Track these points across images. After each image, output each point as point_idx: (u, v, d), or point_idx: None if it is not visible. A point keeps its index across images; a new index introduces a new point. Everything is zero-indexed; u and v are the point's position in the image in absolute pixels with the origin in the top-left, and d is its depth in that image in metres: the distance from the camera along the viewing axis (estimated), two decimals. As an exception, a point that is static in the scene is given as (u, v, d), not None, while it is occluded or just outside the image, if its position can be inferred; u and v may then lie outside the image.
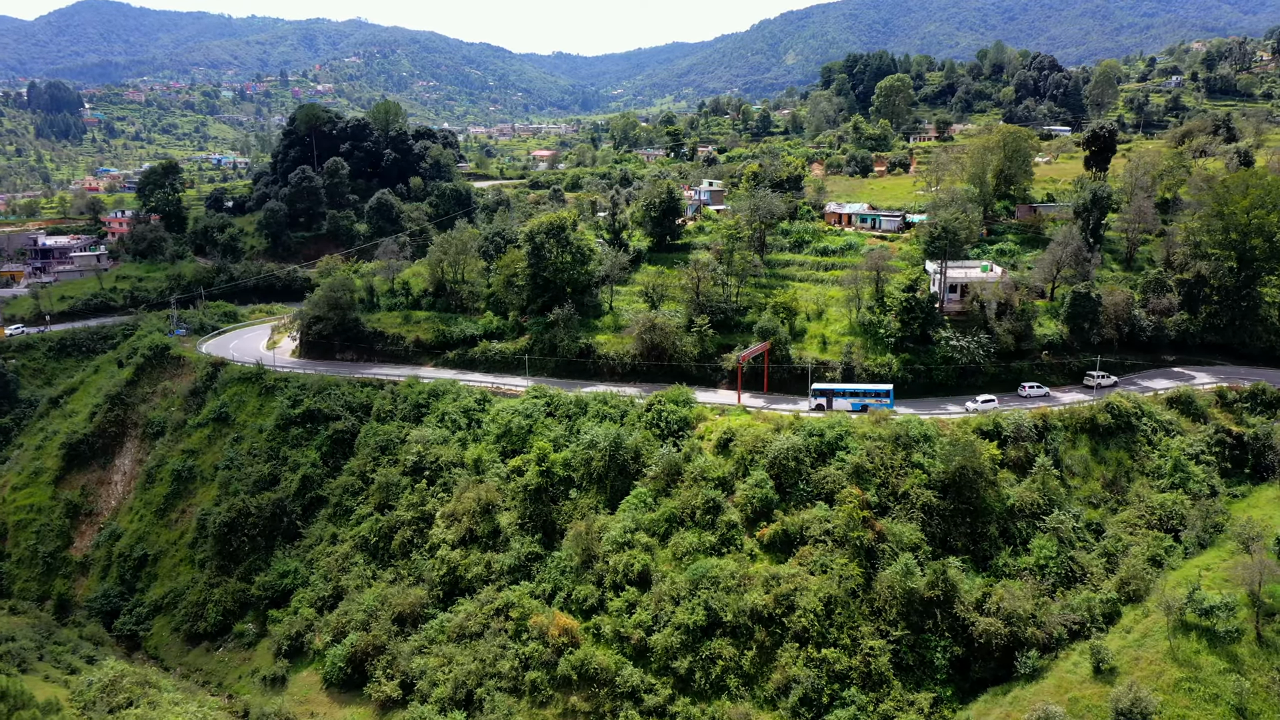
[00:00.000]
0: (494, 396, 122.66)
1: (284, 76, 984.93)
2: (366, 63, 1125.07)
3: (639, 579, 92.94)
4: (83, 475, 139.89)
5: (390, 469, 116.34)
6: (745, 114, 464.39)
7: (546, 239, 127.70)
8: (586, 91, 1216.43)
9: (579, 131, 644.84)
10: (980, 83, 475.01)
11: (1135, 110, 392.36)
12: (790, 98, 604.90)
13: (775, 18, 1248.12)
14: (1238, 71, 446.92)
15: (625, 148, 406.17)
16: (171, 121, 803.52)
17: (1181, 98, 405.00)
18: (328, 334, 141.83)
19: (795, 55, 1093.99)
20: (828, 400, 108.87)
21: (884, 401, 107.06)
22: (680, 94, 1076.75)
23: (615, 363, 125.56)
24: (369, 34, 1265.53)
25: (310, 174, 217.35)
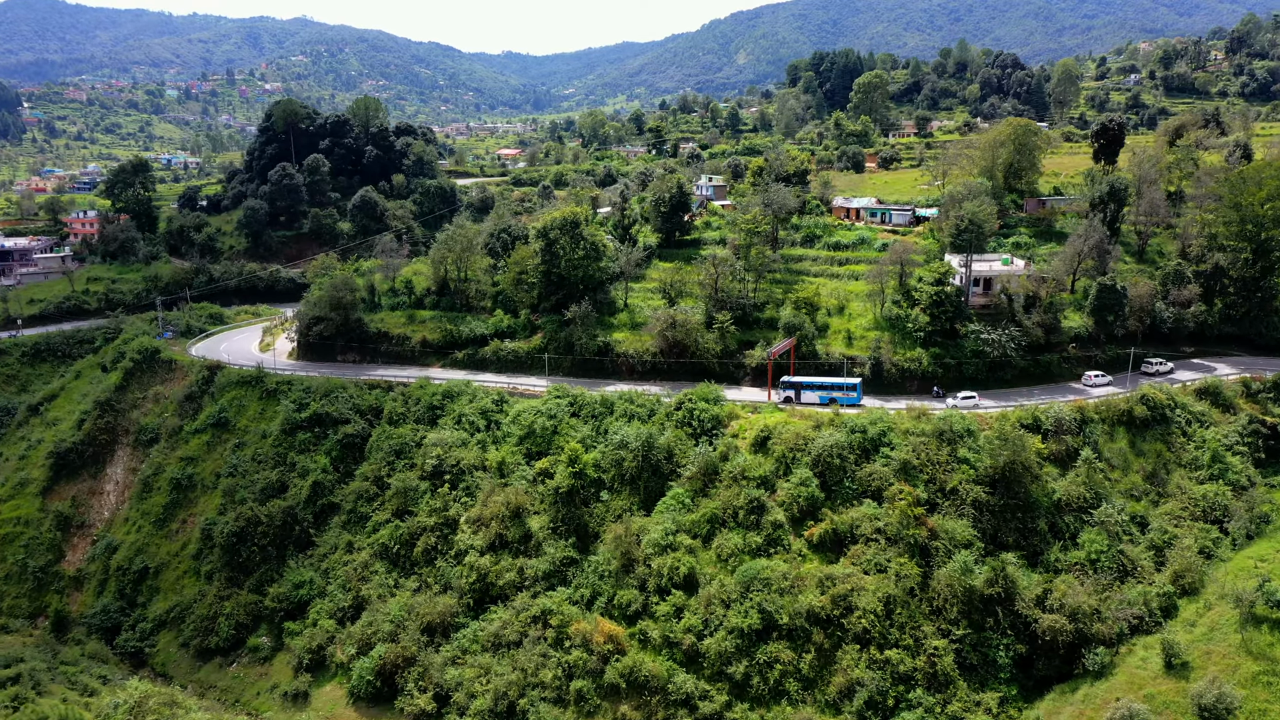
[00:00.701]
0: (511, 397, 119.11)
1: (230, 75, 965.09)
2: (314, 62, 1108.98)
3: (684, 582, 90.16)
4: (72, 485, 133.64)
5: (407, 474, 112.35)
6: (714, 111, 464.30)
7: (561, 235, 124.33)
8: (538, 91, 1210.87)
9: (537, 131, 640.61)
10: (945, 80, 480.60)
11: (1097, 108, 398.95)
12: (752, 96, 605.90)
13: (725, 18, 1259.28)
14: (1193, 70, 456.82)
15: (595, 145, 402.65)
16: (115, 121, 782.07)
17: (1141, 95, 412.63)
18: (329, 335, 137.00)
19: (747, 55, 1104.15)
20: (796, 393, 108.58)
21: (851, 396, 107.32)
22: (632, 93, 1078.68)
23: (635, 361, 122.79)
24: (315, 32, 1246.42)
25: (291, 171, 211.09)
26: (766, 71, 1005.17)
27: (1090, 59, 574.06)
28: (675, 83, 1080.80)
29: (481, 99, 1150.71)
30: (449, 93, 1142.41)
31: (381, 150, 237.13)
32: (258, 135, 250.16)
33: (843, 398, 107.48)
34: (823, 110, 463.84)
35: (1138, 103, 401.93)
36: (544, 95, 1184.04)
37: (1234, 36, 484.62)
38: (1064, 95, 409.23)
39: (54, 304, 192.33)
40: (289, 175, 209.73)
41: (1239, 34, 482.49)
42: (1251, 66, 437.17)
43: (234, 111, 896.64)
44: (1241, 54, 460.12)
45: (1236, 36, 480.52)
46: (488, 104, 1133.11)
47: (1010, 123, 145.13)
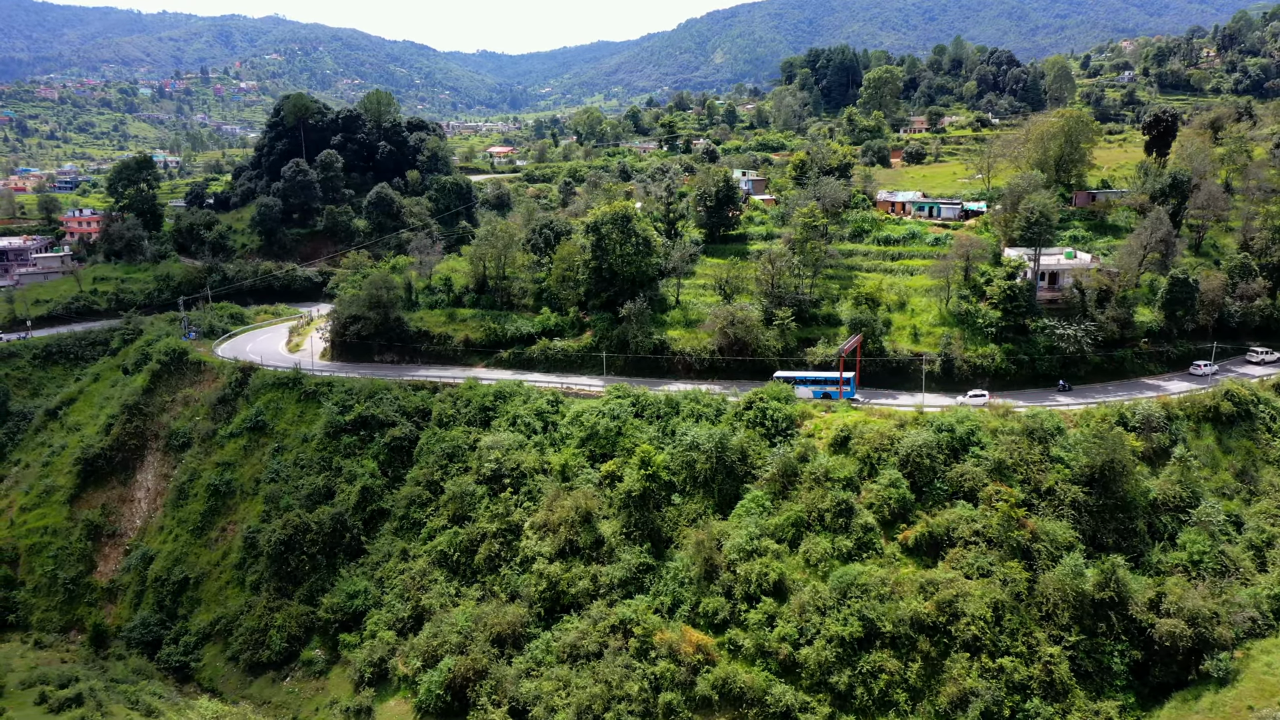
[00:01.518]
0: (566, 398, 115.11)
1: (205, 73, 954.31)
2: (288, 60, 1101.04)
3: (774, 589, 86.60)
4: (101, 493, 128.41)
5: (463, 478, 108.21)
6: (710, 108, 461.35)
7: (612, 229, 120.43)
8: (514, 90, 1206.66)
9: (521, 129, 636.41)
10: (941, 77, 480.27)
11: (1093, 104, 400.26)
12: (740, 94, 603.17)
13: (701, 17, 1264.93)
14: (1186, 67, 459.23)
15: (593, 142, 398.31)
16: (88, 120, 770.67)
17: (1135, 92, 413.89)
18: (367, 335, 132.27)
19: (723, 54, 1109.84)
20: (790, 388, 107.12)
21: (845, 390, 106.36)
22: (610, 92, 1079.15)
23: (692, 359, 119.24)
24: (288, 31, 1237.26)
25: (305, 167, 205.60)
26: (744, 70, 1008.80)
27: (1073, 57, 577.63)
28: (653, 82, 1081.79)
29: (458, 98, 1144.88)
30: (425, 91, 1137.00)
31: (395, 146, 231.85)
32: (266, 130, 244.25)
33: (835, 392, 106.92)
34: (819, 107, 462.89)
35: (1133, 99, 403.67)
36: (520, 94, 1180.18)
37: (1225, 34, 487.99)
38: (1060, 92, 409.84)
39: (62, 304, 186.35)
40: (303, 171, 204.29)
41: (1230, 31, 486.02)
42: (1244, 63, 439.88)
43: (209, 110, 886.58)
44: (1233, 51, 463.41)
45: (1227, 34, 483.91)
46: (464, 103, 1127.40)
47: (1062, 114, 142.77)
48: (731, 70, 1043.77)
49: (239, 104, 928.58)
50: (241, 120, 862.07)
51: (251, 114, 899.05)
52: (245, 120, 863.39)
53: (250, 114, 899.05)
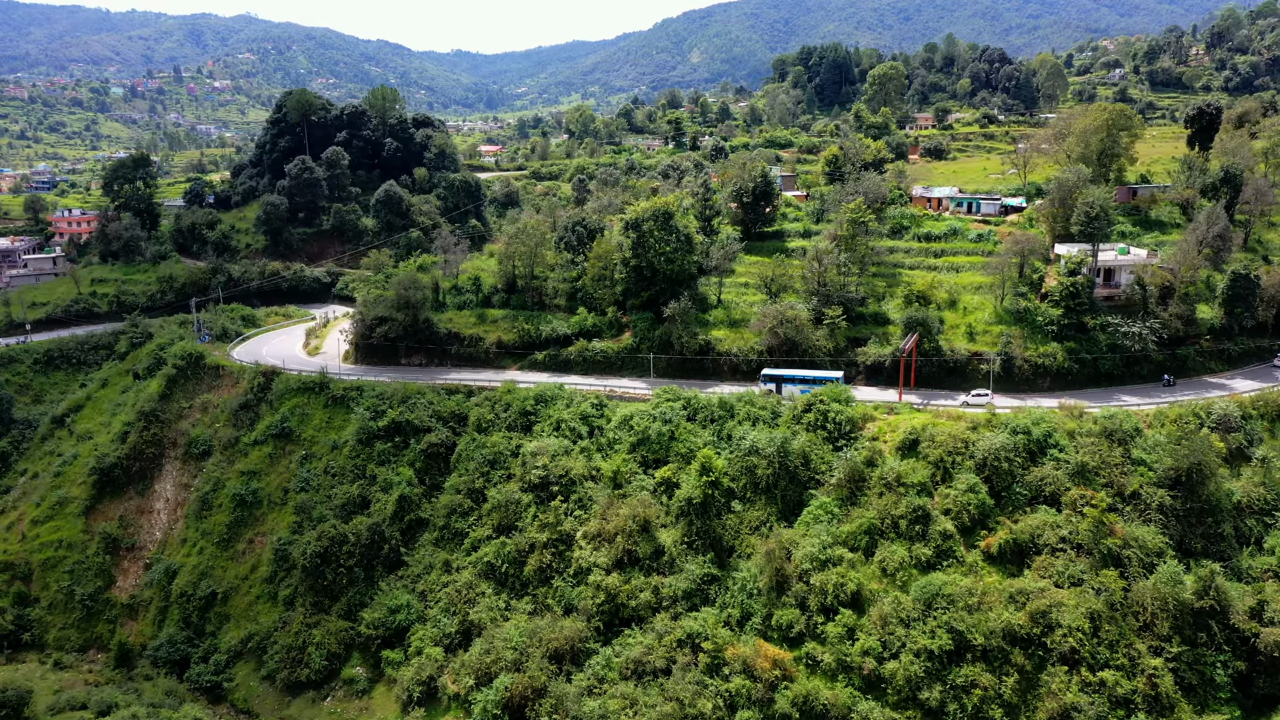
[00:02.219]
0: (610, 401, 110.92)
1: (178, 72, 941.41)
2: (262, 59, 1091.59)
3: (851, 600, 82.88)
4: (118, 504, 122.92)
5: (507, 486, 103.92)
6: (704, 106, 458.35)
7: (654, 227, 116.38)
8: (490, 89, 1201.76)
9: (504, 129, 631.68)
10: (934, 75, 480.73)
11: (1086, 101, 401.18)
12: (725, 93, 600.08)
13: (677, 16, 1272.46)
14: (1176, 65, 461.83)
15: (589, 140, 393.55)
16: (59, 120, 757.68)
17: (1127, 90, 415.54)
18: (394, 336, 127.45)
19: (700, 54, 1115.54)
20: (777, 386, 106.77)
21: None
22: (587, 92, 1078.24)
23: (739, 360, 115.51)
24: (260, 30, 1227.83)
25: (311, 165, 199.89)
26: (721, 70, 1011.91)
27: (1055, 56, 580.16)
28: (630, 81, 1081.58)
29: (434, 98, 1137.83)
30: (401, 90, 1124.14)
31: (401, 143, 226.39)
32: (267, 128, 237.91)
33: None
34: (812, 105, 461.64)
35: (1125, 97, 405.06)
36: (496, 94, 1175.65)
37: (1213, 32, 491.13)
38: (1053, 90, 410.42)
39: (61, 307, 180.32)
40: (309, 169, 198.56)
41: (1219, 29, 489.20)
42: (1234, 61, 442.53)
43: (183, 110, 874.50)
44: (1221, 48, 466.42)
45: (1216, 32, 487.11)
46: (440, 102, 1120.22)
47: (1105, 108, 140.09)
48: (709, 70, 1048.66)
49: (213, 103, 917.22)
50: (216, 120, 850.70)
51: (226, 114, 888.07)
52: (220, 120, 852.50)
53: (225, 114, 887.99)
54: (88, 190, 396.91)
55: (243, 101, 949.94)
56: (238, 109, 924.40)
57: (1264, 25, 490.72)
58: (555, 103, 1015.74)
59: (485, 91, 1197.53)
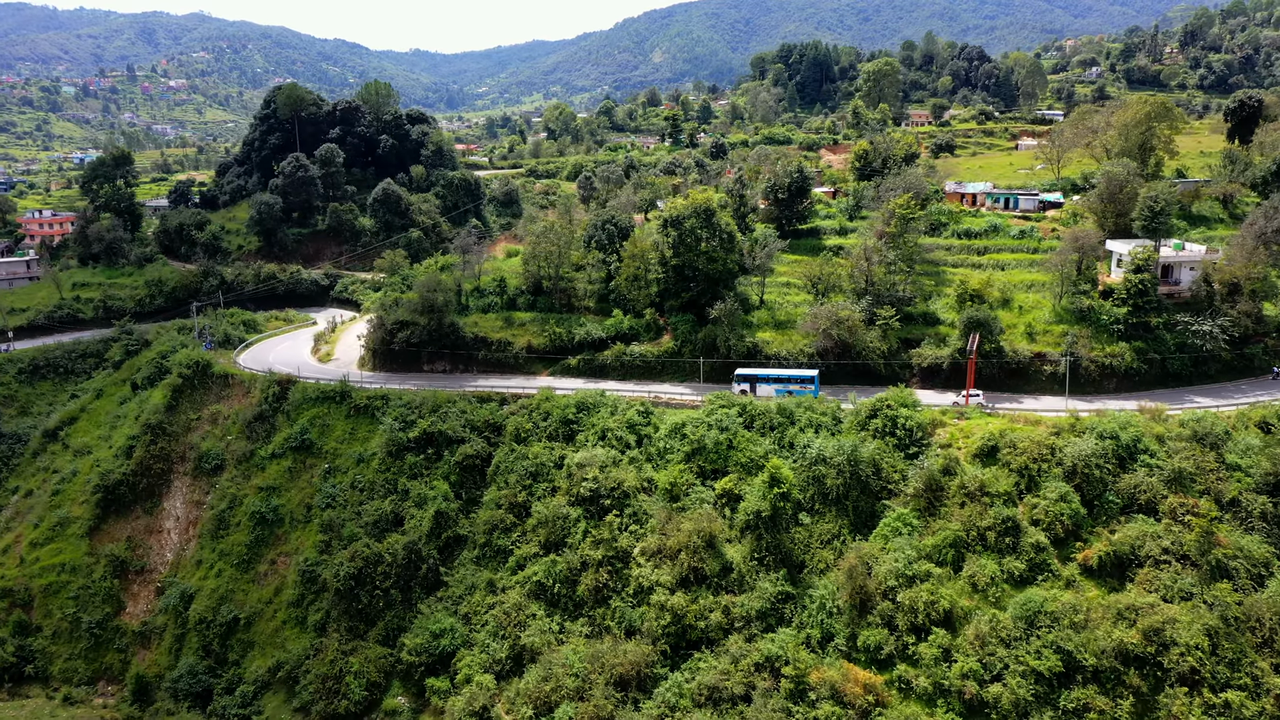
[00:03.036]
0: (655, 408, 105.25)
1: (131, 71, 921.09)
2: (217, 58, 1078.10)
3: (943, 619, 77.98)
4: (124, 524, 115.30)
5: (554, 500, 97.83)
6: (685, 104, 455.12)
7: (696, 224, 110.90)
8: (450, 89, 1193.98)
9: (471, 129, 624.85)
10: (914, 73, 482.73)
11: (1064, 100, 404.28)
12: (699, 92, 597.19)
13: (639, 16, 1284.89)
14: (1152, 63, 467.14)
15: (568, 139, 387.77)
16: (9, 119, 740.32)
17: (1105, 87, 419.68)
18: (417, 342, 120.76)
19: (662, 54, 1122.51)
20: (751, 386, 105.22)
21: (809, 388, 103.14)
22: (549, 92, 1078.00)
23: (789, 363, 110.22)
24: (214, 29, 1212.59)
25: (305, 163, 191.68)
26: (684, 70, 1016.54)
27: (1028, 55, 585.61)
28: (592, 81, 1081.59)
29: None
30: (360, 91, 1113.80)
31: (397, 140, 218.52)
32: (256, 124, 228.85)
33: (800, 390, 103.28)
34: (794, 103, 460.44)
35: (1103, 95, 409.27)
36: (457, 94, 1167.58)
37: (1186, 30, 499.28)
38: (1032, 88, 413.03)
39: (44, 313, 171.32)
40: (303, 167, 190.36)
41: (1191, 28, 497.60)
42: (1208, 59, 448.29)
43: (137, 109, 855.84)
44: (1195, 47, 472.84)
45: (1189, 31, 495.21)
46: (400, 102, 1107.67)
47: (1146, 101, 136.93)
48: (671, 69, 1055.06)
49: (169, 103, 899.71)
50: (173, 120, 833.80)
51: (183, 113, 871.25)
52: (177, 120, 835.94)
53: (182, 113, 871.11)
54: (48, 191, 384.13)
55: (199, 101, 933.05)
56: (194, 109, 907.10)
57: (1234, 24, 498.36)
58: (517, 102, 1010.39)
59: (445, 91, 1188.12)
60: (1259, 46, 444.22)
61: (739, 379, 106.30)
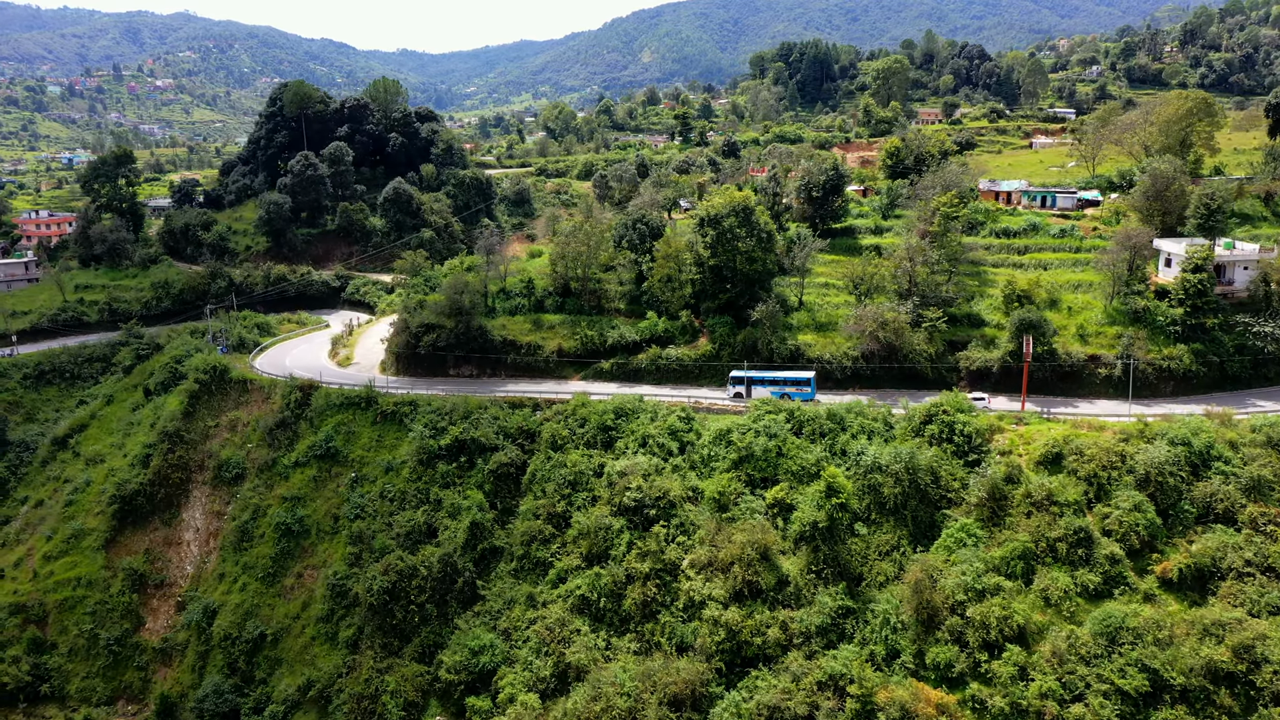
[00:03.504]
0: (697, 414, 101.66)
1: (117, 71, 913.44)
2: (203, 58, 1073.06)
3: (1017, 635, 74.59)
4: (142, 536, 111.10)
5: (596, 509, 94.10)
6: (686, 103, 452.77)
7: (735, 223, 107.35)
8: (438, 89, 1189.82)
9: (464, 129, 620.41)
10: (915, 72, 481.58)
11: (1065, 98, 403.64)
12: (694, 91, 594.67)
13: (627, 16, 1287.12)
14: (1152, 62, 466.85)
15: (572, 138, 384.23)
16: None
17: (1107, 87, 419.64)
18: (443, 345, 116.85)
19: (651, 53, 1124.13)
20: (746, 389, 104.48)
21: (805, 391, 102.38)
22: (538, 91, 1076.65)
23: (832, 366, 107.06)
24: (200, 28, 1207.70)
25: (314, 161, 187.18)
26: (673, 69, 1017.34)
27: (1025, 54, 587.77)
28: (581, 81, 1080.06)
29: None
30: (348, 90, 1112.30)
31: (406, 138, 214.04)
32: (262, 122, 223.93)
33: (796, 393, 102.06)
34: (795, 101, 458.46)
35: (1104, 94, 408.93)
36: (445, 94, 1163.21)
37: (1186, 29, 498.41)
38: (1033, 87, 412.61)
39: (47, 316, 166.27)
40: (312, 165, 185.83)
41: (1190, 27, 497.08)
42: (1208, 58, 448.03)
43: (124, 109, 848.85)
44: (1195, 46, 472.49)
45: (1189, 29, 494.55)
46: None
47: (1187, 96, 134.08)
48: (660, 69, 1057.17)
49: (155, 103, 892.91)
50: (160, 120, 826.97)
51: (170, 113, 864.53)
52: (164, 120, 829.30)
53: (169, 113, 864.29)
54: (38, 191, 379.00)
55: (186, 101, 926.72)
56: (181, 108, 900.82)
57: (1232, 24, 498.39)
58: (506, 102, 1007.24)
59: (434, 91, 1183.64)
60: (1258, 45, 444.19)
61: (734, 381, 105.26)
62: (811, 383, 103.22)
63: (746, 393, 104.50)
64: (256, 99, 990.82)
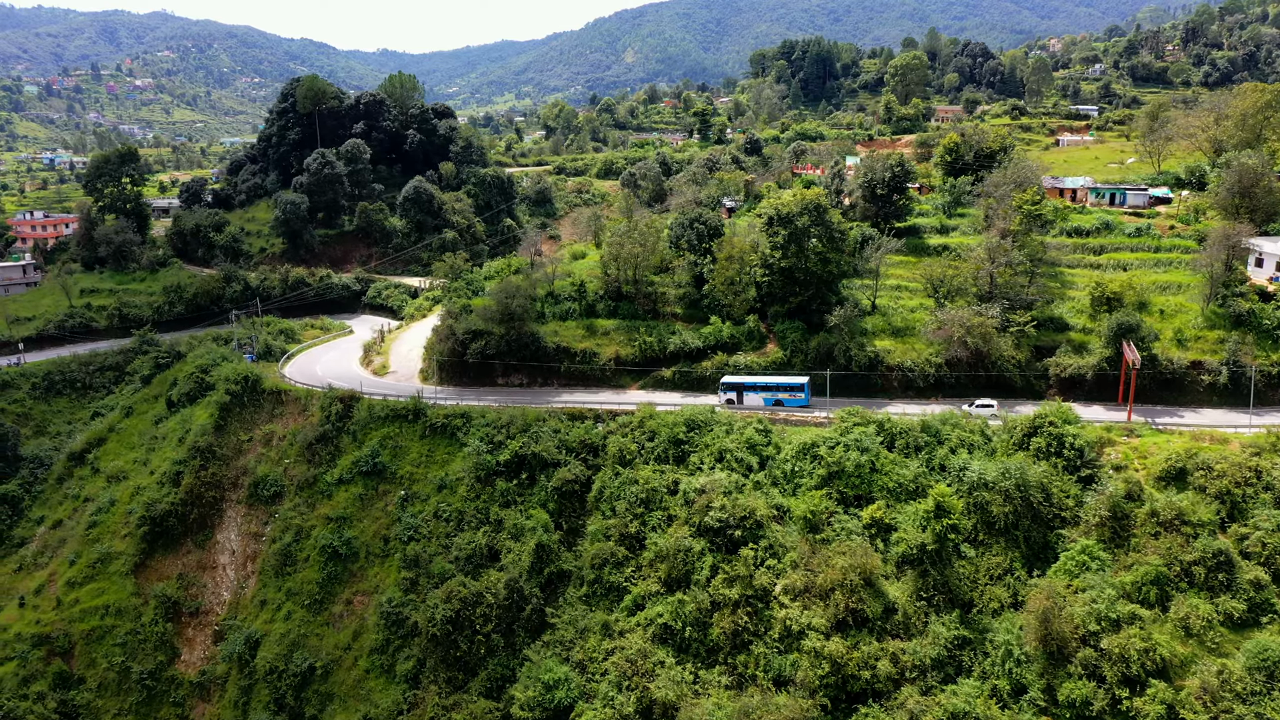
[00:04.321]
0: (775, 425, 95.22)
1: (96, 70, 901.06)
2: (182, 58, 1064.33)
3: (1159, 669, 68.46)
4: (173, 559, 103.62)
5: (676, 530, 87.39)
6: (688, 101, 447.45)
7: (808, 222, 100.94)
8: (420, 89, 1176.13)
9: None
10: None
11: (1070, 97, 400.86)
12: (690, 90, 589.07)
13: (610, 16, 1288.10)
14: (1157, 60, 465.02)
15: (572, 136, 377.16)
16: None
17: (1111, 85, 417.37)
18: (492, 353, 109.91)
19: (634, 54, 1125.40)
20: (738, 395, 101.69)
21: (798, 397, 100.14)
22: (521, 92, 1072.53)
23: (914, 374, 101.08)
24: (178, 27, 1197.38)
25: (331, 159, 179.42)
26: (657, 70, 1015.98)
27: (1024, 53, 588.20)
28: (564, 81, 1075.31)
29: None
30: None
31: (424, 135, 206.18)
32: (273, 118, 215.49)
33: (789, 399, 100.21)
34: (798, 100, 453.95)
35: (1109, 92, 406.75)
36: (426, 94, 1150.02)
37: (1188, 27, 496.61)
38: (1038, 85, 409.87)
39: (54, 322, 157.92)
40: (329, 164, 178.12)
41: (1192, 25, 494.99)
42: (1211, 56, 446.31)
43: (103, 109, 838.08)
44: (1197, 44, 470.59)
45: (1190, 27, 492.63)
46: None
47: (1263, 89, 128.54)
48: (644, 70, 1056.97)
49: (135, 103, 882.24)
50: (139, 120, 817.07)
51: (150, 113, 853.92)
52: (144, 120, 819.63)
53: (149, 113, 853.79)
54: (22, 192, 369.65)
55: (166, 101, 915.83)
56: (161, 108, 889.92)
57: (1232, 22, 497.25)
58: (489, 102, 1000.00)
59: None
60: (1260, 43, 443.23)
61: (725, 388, 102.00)
62: (805, 388, 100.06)
63: (739, 400, 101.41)
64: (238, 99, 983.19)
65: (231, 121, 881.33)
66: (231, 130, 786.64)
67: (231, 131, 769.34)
